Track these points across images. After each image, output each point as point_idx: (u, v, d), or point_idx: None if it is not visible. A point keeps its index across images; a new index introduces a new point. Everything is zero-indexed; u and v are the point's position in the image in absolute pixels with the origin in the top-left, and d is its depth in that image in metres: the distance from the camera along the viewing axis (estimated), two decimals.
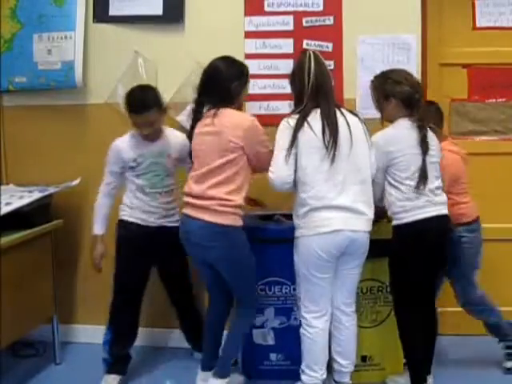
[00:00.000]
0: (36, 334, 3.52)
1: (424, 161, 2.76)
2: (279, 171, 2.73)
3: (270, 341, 3.23)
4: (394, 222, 2.84)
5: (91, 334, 3.67)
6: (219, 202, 2.73)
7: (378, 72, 2.95)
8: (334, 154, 2.65)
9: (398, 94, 2.81)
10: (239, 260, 2.84)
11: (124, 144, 3.12)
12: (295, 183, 2.74)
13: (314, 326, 2.82)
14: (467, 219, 3.11)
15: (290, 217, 2.98)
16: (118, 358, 3.20)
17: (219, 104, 2.80)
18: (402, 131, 2.80)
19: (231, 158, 2.75)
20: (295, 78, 2.83)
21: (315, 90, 2.72)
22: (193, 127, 2.90)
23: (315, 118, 2.70)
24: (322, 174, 2.68)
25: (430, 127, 2.84)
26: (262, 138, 2.84)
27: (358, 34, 3.44)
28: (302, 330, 2.88)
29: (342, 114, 2.74)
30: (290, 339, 3.15)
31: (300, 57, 2.87)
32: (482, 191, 3.36)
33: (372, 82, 2.96)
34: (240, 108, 2.95)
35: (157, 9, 3.50)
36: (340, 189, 2.69)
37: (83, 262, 3.72)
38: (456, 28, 3.54)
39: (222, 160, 2.75)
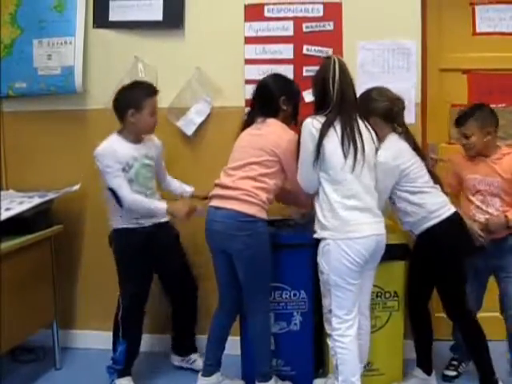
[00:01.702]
0: (36, 339, 3.51)
1: (427, 165, 2.92)
2: (305, 174, 2.79)
3: (271, 346, 3.22)
4: (435, 221, 2.86)
5: (91, 339, 3.69)
6: (246, 192, 2.82)
7: (377, 77, 2.97)
8: (355, 159, 2.68)
9: (374, 111, 2.88)
10: (258, 254, 2.86)
11: (116, 146, 3.08)
12: (321, 185, 2.77)
13: (347, 335, 2.73)
14: None
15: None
16: (129, 364, 3.22)
17: (266, 115, 2.95)
18: (398, 144, 2.88)
19: (265, 160, 2.86)
20: (318, 83, 2.81)
21: (339, 97, 2.72)
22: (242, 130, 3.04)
23: (338, 124, 2.71)
24: (348, 174, 2.70)
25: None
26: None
27: (357, 39, 3.43)
28: (334, 343, 2.76)
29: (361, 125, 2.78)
30: (291, 345, 3.16)
31: (325, 62, 2.84)
32: None
33: None
34: (287, 123, 3.00)
35: (157, 14, 3.50)
36: (363, 191, 2.73)
37: (83, 267, 3.73)
38: (456, 33, 3.53)
39: (256, 159, 2.87)
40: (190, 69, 3.48)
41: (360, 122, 2.78)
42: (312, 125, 2.72)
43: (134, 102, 3.04)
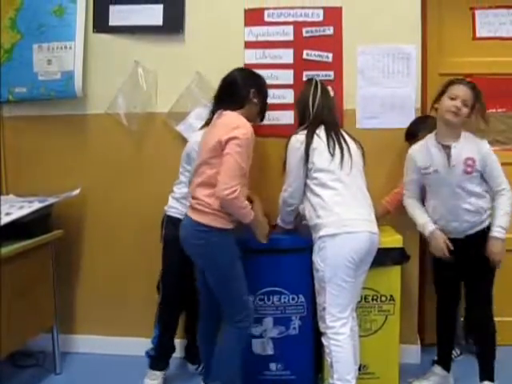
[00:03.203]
0: (36, 343, 3.52)
1: None
2: (294, 186, 2.89)
3: (270, 351, 3.22)
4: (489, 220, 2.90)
5: (91, 344, 3.68)
6: (199, 201, 2.77)
7: (377, 82, 2.99)
8: (342, 159, 2.81)
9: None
10: (212, 264, 2.79)
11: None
12: (309, 189, 2.85)
13: (341, 332, 2.73)
14: None
15: None
16: (163, 352, 3.24)
17: (229, 107, 2.87)
18: None
19: (212, 156, 2.74)
20: (300, 102, 3.04)
21: (320, 111, 2.94)
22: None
23: (322, 131, 2.88)
24: (338, 172, 2.80)
25: None
26: (241, 150, 2.68)
27: (357, 44, 3.43)
28: (329, 342, 2.76)
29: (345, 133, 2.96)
30: (290, 349, 3.17)
31: (306, 84, 3.09)
32: None
33: None
34: (252, 120, 2.93)
35: (157, 19, 3.50)
36: (355, 190, 2.83)
37: (83, 271, 3.72)
38: (456, 38, 3.54)
39: (206, 158, 2.78)
40: (190, 73, 3.48)
41: (343, 132, 2.95)
42: (296, 138, 2.89)
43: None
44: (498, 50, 3.53)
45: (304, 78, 3.45)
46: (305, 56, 3.47)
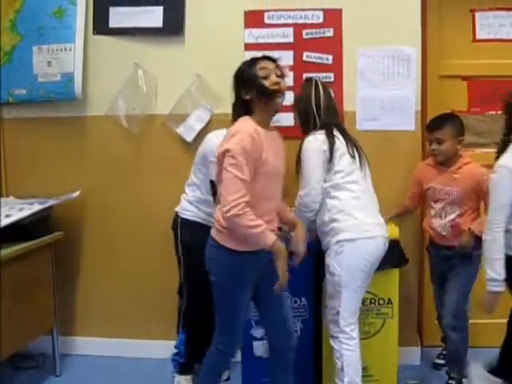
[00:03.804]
0: (36, 345, 3.51)
1: None
2: (315, 191, 2.78)
3: None
4: None
5: (91, 346, 3.68)
6: (215, 217, 2.56)
7: (377, 84, 2.99)
8: (360, 161, 2.83)
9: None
10: (219, 280, 2.56)
11: None
12: (324, 192, 2.80)
13: (354, 337, 2.75)
14: None
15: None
16: (192, 356, 3.20)
17: (237, 117, 2.60)
18: None
19: (219, 171, 2.51)
20: (303, 104, 2.95)
21: (327, 113, 2.90)
22: None
23: (337, 132, 2.85)
24: (357, 174, 2.80)
25: None
26: (237, 160, 2.39)
27: (357, 46, 3.43)
28: (341, 346, 2.74)
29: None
30: None
31: (306, 84, 3.01)
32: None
33: None
34: (266, 108, 2.57)
35: (157, 21, 3.50)
36: (371, 192, 2.87)
37: (83, 273, 3.72)
38: (456, 40, 3.53)
39: (217, 173, 2.56)
40: (190, 75, 3.48)
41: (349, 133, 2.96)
42: (315, 138, 2.80)
43: None
44: (498, 52, 3.52)
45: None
46: (305, 58, 3.47)
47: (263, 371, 3.20)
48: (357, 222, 2.71)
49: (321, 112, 2.88)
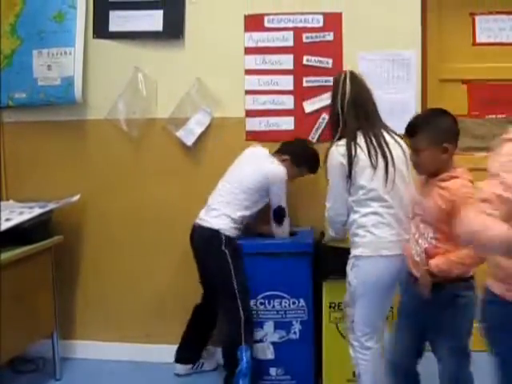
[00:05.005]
0: (36, 349, 3.51)
1: None
2: (337, 205, 2.71)
3: (270, 355, 3.23)
4: None
5: (91, 349, 3.68)
6: None
7: (377, 87, 2.96)
8: (387, 172, 2.61)
9: None
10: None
11: None
12: (351, 207, 2.69)
13: (369, 347, 2.69)
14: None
15: None
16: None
17: None
18: None
19: None
20: (331, 102, 2.80)
21: (354, 112, 2.67)
22: None
23: (361, 138, 2.65)
24: (380, 190, 2.62)
25: None
26: None
27: (358, 49, 3.43)
28: (356, 354, 2.73)
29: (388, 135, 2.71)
30: (290, 353, 3.17)
31: (335, 79, 2.82)
32: None
33: None
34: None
35: (157, 25, 3.50)
36: (396, 205, 2.63)
37: (83, 277, 3.72)
38: (456, 44, 3.53)
39: None
40: (190, 79, 3.48)
41: (385, 132, 2.72)
42: (337, 151, 2.66)
43: None
44: (498, 56, 3.51)
45: (304, 84, 3.47)
46: (305, 62, 3.47)
47: (262, 373, 3.23)
48: (375, 238, 2.62)
49: (345, 113, 2.67)
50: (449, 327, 2.32)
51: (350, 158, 2.61)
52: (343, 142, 2.65)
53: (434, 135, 2.31)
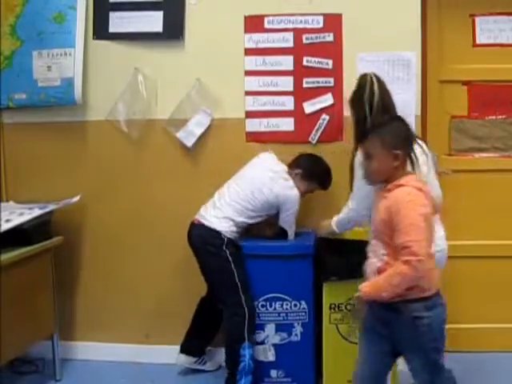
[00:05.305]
0: (36, 350, 3.51)
1: None
2: (359, 206, 2.71)
3: (271, 357, 3.23)
4: None
5: (91, 351, 3.68)
6: None
7: None
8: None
9: None
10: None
11: None
12: None
13: None
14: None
15: None
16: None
17: None
18: None
19: None
20: (356, 105, 2.80)
21: (382, 113, 2.65)
22: None
23: None
24: None
25: None
26: None
27: (358, 50, 3.43)
28: None
29: None
30: (291, 355, 3.17)
31: (360, 81, 2.83)
32: (481, 208, 3.36)
33: None
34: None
35: (157, 26, 3.50)
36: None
37: (83, 278, 3.72)
38: (456, 45, 3.53)
39: None
40: (190, 80, 3.48)
41: None
42: None
43: None
44: (498, 57, 3.52)
45: (304, 85, 3.47)
46: (305, 63, 3.47)
47: (262, 375, 3.24)
48: None
49: (373, 115, 2.67)
50: (412, 347, 2.25)
51: None
52: None
53: (386, 140, 2.24)
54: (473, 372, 3.31)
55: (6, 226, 3.00)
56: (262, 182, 3.17)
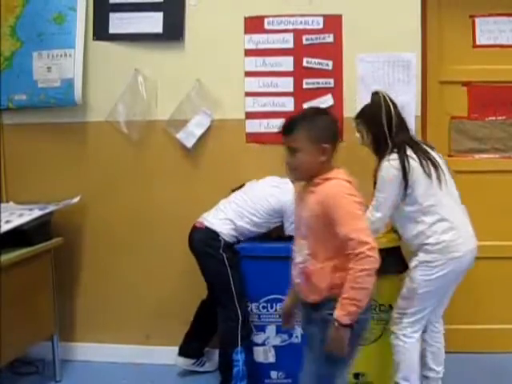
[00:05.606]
0: (36, 351, 3.51)
1: None
2: (386, 218, 2.79)
3: (271, 358, 3.23)
4: None
5: (91, 351, 3.67)
6: None
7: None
8: (439, 178, 2.73)
9: None
10: None
11: None
12: (407, 216, 2.78)
13: (411, 336, 2.80)
14: None
15: None
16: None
17: None
18: None
19: None
20: (372, 122, 2.86)
21: (398, 129, 2.81)
22: None
23: (410, 151, 2.76)
24: (438, 194, 2.73)
25: None
26: None
27: (357, 51, 3.43)
28: (397, 342, 2.83)
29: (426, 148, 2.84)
30: (291, 357, 3.15)
31: (374, 99, 2.90)
32: (481, 209, 3.36)
33: None
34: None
35: (157, 26, 3.50)
36: (455, 205, 2.80)
37: (83, 279, 3.71)
38: (456, 46, 3.53)
39: None
40: (190, 81, 3.48)
41: (420, 143, 2.89)
42: (390, 165, 2.73)
43: None
44: (498, 58, 3.52)
45: (304, 86, 3.47)
46: (305, 64, 3.47)
47: (262, 376, 3.25)
48: (445, 244, 2.69)
49: (393, 130, 2.80)
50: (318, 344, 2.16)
51: (405, 170, 2.69)
52: (394, 156, 2.73)
53: (312, 134, 2.12)
54: (488, 374, 3.34)
55: (5, 227, 3.00)
56: (271, 192, 3.20)
